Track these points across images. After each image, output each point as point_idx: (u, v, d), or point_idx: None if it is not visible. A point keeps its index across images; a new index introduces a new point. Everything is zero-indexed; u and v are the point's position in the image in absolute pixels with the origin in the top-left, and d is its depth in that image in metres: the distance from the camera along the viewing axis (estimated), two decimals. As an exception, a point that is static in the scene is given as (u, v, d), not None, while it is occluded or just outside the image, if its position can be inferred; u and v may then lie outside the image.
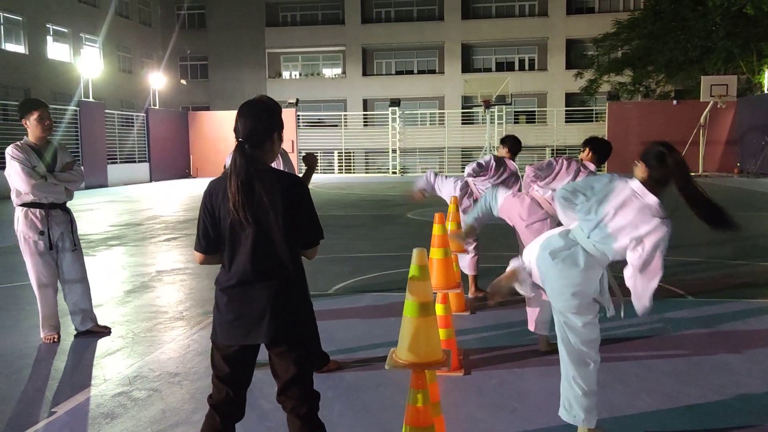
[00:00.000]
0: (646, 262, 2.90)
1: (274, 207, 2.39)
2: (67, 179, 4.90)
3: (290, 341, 2.47)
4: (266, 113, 2.53)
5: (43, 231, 4.82)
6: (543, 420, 3.48)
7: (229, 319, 2.47)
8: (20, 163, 4.67)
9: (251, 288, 2.44)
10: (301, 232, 2.47)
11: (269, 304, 2.42)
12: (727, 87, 24.41)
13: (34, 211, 4.80)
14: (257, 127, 2.48)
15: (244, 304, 2.44)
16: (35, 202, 4.78)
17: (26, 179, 4.68)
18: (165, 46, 39.34)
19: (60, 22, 30.76)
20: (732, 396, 3.75)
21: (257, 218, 2.40)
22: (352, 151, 33.35)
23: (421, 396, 2.68)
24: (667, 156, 2.99)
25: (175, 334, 5.18)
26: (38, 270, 4.86)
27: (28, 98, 5.00)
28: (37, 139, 4.82)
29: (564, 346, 3.15)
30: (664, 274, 2.96)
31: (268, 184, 2.40)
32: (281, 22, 40.77)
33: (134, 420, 3.54)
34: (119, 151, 25.48)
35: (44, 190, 4.77)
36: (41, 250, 4.84)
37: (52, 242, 4.85)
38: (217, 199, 2.46)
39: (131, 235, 10.88)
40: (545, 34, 38.17)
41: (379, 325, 5.29)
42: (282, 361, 2.49)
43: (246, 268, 2.43)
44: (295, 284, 2.49)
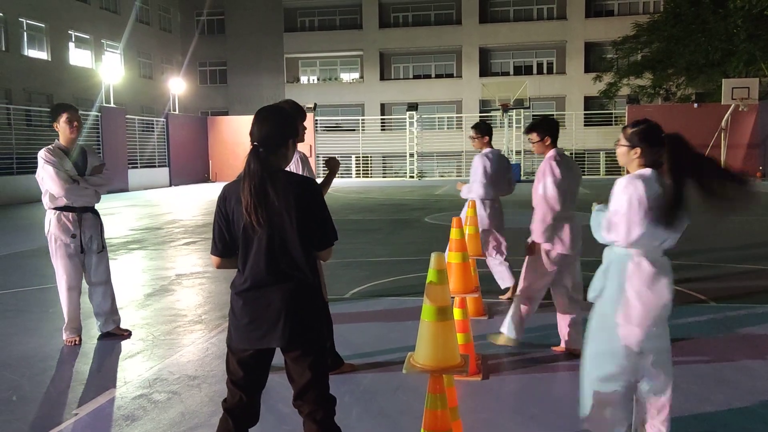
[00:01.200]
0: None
1: (287, 209, 2.41)
2: (97, 183, 5.00)
3: (305, 345, 2.47)
4: (282, 119, 2.56)
5: (75, 234, 4.90)
6: (563, 426, 3.45)
7: (244, 322, 2.47)
8: (54, 167, 4.76)
9: (266, 291, 2.44)
10: (315, 234, 2.48)
11: (284, 306, 2.43)
12: (748, 90, 24.09)
13: (67, 214, 4.89)
14: (273, 132, 2.50)
15: (259, 307, 2.45)
16: (67, 205, 4.87)
17: (60, 183, 4.76)
18: (185, 52, 39.74)
19: (82, 29, 31.20)
20: (755, 403, 3.69)
21: (270, 221, 2.41)
22: (370, 156, 33.41)
23: (439, 401, 2.67)
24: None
25: (195, 337, 5.22)
26: (68, 273, 4.94)
27: (58, 102, 5.11)
28: (67, 141, 4.91)
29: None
30: (686, 279, 2.93)
31: (281, 187, 2.41)
32: (299, 27, 41.00)
33: (154, 422, 3.57)
34: (140, 156, 25.76)
35: (76, 193, 4.86)
36: (72, 253, 4.92)
37: (83, 245, 4.94)
38: (231, 203, 2.48)
39: (151, 239, 10.98)
40: (564, 37, 37.96)
41: (397, 329, 5.28)
42: (297, 366, 2.49)
43: (260, 270, 2.44)
44: (311, 286, 2.50)
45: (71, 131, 4.88)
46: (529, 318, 4.68)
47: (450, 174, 32.91)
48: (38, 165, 4.84)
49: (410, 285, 6.93)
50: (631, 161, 2.96)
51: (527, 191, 6.02)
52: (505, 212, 6.50)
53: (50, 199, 4.87)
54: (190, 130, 29.15)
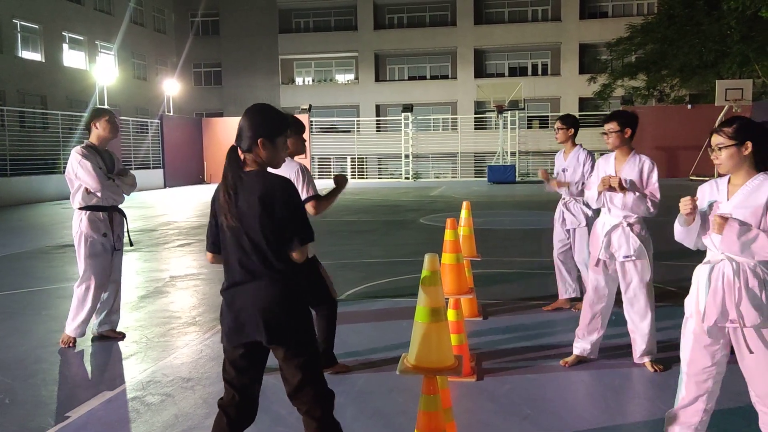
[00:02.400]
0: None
1: (252, 208, 2.46)
2: (127, 182, 5.15)
3: (288, 343, 2.49)
4: (258, 117, 2.61)
5: (105, 233, 5.00)
6: (557, 426, 3.45)
7: (228, 321, 2.54)
8: (91, 162, 4.88)
9: (242, 288, 2.50)
10: (283, 233, 2.49)
11: (259, 303, 2.47)
12: (742, 91, 24.18)
13: (98, 213, 4.98)
14: (244, 130, 2.59)
15: (237, 304, 2.51)
16: (99, 205, 4.97)
17: (98, 178, 4.88)
18: (179, 53, 39.67)
19: (76, 30, 31.12)
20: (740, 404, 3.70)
21: (240, 220, 2.47)
22: (365, 157, 33.42)
23: (433, 402, 2.68)
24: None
25: (188, 339, 5.20)
26: (98, 271, 4.98)
27: (97, 107, 5.35)
28: (101, 140, 5.03)
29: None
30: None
31: (249, 186, 2.48)
32: (294, 28, 40.99)
33: (147, 425, 3.56)
34: (134, 158, 25.70)
35: (112, 190, 5.00)
36: (103, 252, 4.99)
37: (114, 243, 5.06)
38: (216, 202, 2.58)
39: (145, 241, 10.95)
40: (558, 39, 38.06)
41: (391, 330, 5.28)
42: (288, 366, 2.52)
43: (235, 268, 2.51)
44: (287, 285, 2.51)
45: (111, 131, 5.02)
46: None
47: (445, 175, 32.94)
48: (70, 162, 4.92)
49: (405, 286, 6.93)
50: (742, 161, 2.75)
51: (523, 192, 6.08)
52: (503, 213, 6.44)
53: (82, 198, 4.94)
54: (184, 131, 29.10)
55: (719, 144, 2.78)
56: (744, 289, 2.73)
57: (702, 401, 2.95)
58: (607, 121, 4.37)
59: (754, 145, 2.73)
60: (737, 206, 2.76)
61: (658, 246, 4.44)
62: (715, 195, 2.88)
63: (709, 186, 2.93)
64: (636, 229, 4.23)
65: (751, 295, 2.72)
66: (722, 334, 2.85)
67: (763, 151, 2.76)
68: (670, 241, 3.13)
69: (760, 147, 2.75)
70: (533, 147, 31.18)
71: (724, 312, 2.77)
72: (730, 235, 2.70)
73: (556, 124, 5.93)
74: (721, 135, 2.78)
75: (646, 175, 4.22)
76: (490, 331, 5.23)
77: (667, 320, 5.01)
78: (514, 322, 5.50)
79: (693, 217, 2.81)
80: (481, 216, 12.66)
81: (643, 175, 4.22)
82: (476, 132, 33.75)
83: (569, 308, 5.83)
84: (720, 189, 2.86)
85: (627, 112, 4.41)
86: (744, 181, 2.79)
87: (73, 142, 20.12)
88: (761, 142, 2.74)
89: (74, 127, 22.22)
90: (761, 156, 2.77)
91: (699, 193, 2.97)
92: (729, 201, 2.80)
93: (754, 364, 2.78)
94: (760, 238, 2.66)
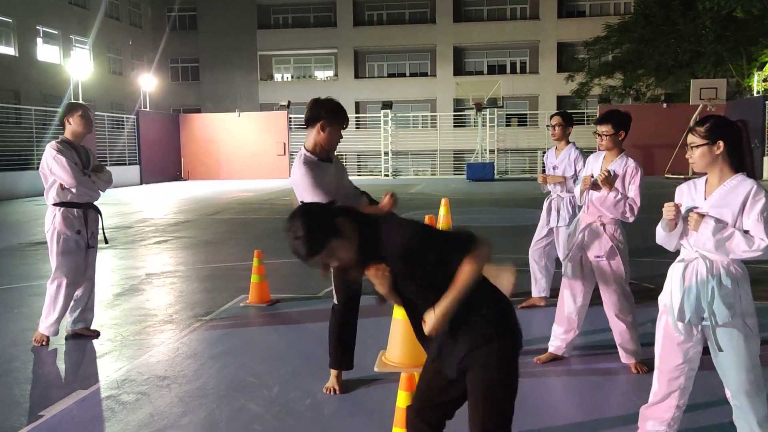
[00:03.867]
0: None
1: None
2: (104, 179, 5.08)
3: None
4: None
5: (80, 230, 4.91)
6: (533, 422, 3.47)
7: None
8: (66, 158, 4.79)
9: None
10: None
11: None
12: (716, 90, 24.55)
13: (72, 210, 4.90)
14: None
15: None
16: (73, 201, 4.88)
17: (72, 174, 4.79)
18: (155, 48, 39.22)
19: (50, 24, 30.61)
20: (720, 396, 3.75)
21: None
22: (345, 154, 33.31)
23: (411, 398, 2.67)
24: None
25: (165, 337, 5.15)
26: (71, 269, 4.90)
27: (72, 101, 5.22)
28: (75, 136, 4.94)
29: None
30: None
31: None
32: (273, 24, 40.75)
33: (122, 424, 3.51)
34: (109, 154, 25.37)
35: (87, 186, 4.92)
36: (76, 249, 4.91)
37: (88, 241, 4.98)
38: None
39: (121, 238, 10.81)
40: (536, 37, 38.32)
41: (371, 327, 5.27)
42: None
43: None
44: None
45: (84, 126, 4.93)
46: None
47: (424, 172, 33.00)
48: (45, 158, 4.84)
49: (384, 283, 6.91)
50: (714, 160, 2.77)
51: (501, 190, 6.10)
52: (482, 211, 6.40)
53: (57, 193, 4.86)
54: (161, 127, 28.78)
55: (693, 143, 2.81)
56: (717, 287, 2.76)
57: (674, 397, 2.98)
58: (601, 122, 4.21)
59: (725, 145, 2.76)
60: (714, 205, 2.79)
61: (634, 243, 4.48)
62: (693, 194, 2.90)
63: (687, 186, 2.96)
64: (609, 229, 4.18)
65: (724, 293, 2.75)
66: (695, 331, 2.89)
67: (736, 151, 2.78)
68: (645, 237, 3.16)
69: (732, 147, 2.77)
70: (512, 145, 31.36)
71: (698, 309, 2.81)
72: (706, 233, 2.73)
73: (554, 120, 5.78)
74: (694, 134, 2.81)
75: (629, 179, 4.12)
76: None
77: (649, 318, 5.06)
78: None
79: (676, 222, 2.84)
80: (459, 213, 12.68)
81: (626, 179, 4.13)
82: (455, 129, 33.85)
83: (544, 305, 5.83)
84: (698, 188, 2.90)
85: (621, 113, 4.24)
86: (720, 180, 2.82)
87: (47, 137, 19.77)
88: (733, 142, 2.77)
89: (48, 123, 21.85)
90: (735, 156, 2.79)
91: (677, 192, 2.99)
92: (706, 200, 2.83)
93: (726, 361, 2.82)
94: (735, 236, 2.70)
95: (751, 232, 2.70)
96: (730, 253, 2.73)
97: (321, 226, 2.18)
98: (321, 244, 2.18)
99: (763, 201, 2.69)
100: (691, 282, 2.82)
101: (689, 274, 2.83)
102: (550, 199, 5.79)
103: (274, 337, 5.23)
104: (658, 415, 3.03)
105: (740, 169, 2.79)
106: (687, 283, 2.83)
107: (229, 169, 29.01)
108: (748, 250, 2.68)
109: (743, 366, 2.79)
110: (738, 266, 2.79)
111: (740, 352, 2.78)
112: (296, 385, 4.01)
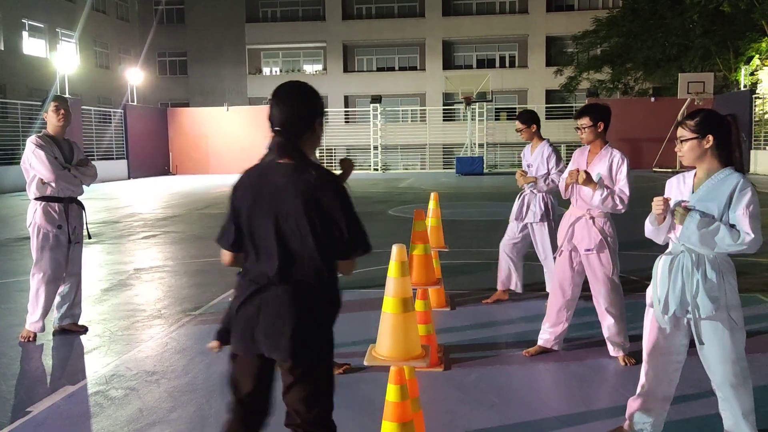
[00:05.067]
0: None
1: (293, 205, 2.23)
2: (87, 173, 5.01)
3: (310, 364, 2.33)
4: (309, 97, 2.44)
5: (61, 224, 4.85)
6: (522, 415, 3.49)
7: (242, 327, 2.33)
8: (45, 152, 4.73)
9: (267, 295, 2.28)
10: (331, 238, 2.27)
11: (286, 314, 2.24)
12: (704, 84, 24.69)
13: (53, 204, 4.84)
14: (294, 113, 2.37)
15: (256, 311, 2.29)
16: (53, 195, 4.82)
17: (51, 168, 4.73)
18: (143, 42, 38.90)
19: (36, 18, 30.28)
20: (705, 389, 3.78)
21: (278, 216, 2.25)
22: (334, 148, 33.27)
23: (401, 392, 2.68)
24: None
25: (153, 332, 5.13)
26: (52, 264, 4.84)
27: (54, 95, 5.16)
28: (55, 129, 4.88)
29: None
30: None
31: (290, 179, 2.24)
32: (261, 18, 40.51)
33: (111, 419, 3.50)
34: (96, 148, 25.17)
35: (67, 180, 4.84)
36: (57, 244, 4.84)
37: (70, 236, 4.90)
38: (239, 195, 2.34)
39: (109, 233, 10.75)
40: (525, 31, 38.35)
41: (359, 321, 5.28)
42: (301, 392, 2.36)
43: (260, 270, 2.27)
44: (323, 296, 2.32)
45: (59, 119, 4.85)
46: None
47: (414, 167, 33.00)
48: (25, 152, 4.79)
49: (373, 277, 6.92)
50: (703, 154, 2.79)
51: (490, 184, 6.14)
52: (471, 205, 6.43)
53: (37, 188, 4.80)
54: (149, 121, 28.59)
55: (682, 136, 2.82)
56: (702, 280, 2.78)
57: (661, 389, 3.00)
58: (578, 116, 4.26)
59: (715, 139, 2.76)
60: (701, 199, 2.80)
61: (622, 236, 4.50)
62: (681, 188, 2.92)
63: (676, 179, 2.97)
64: (598, 222, 4.19)
65: (709, 287, 2.77)
66: (681, 323, 2.91)
67: (725, 145, 2.78)
68: (634, 231, 3.18)
69: (721, 140, 2.77)
70: (501, 139, 31.40)
71: (683, 302, 2.83)
72: (691, 227, 2.75)
73: (516, 126, 5.83)
74: (684, 128, 2.81)
75: (615, 169, 4.12)
76: (457, 322, 5.26)
77: (636, 311, 5.09)
78: (482, 312, 5.55)
79: (664, 216, 2.85)
80: (449, 207, 12.70)
81: (613, 170, 4.14)
82: (444, 123, 33.86)
83: (507, 299, 5.84)
84: (686, 182, 2.91)
85: (599, 106, 4.29)
86: (708, 174, 2.83)
87: (32, 132, 19.60)
88: (722, 136, 2.77)
89: (34, 117, 21.65)
90: (724, 150, 2.79)
91: (667, 186, 3.01)
92: (694, 194, 2.85)
93: (711, 354, 2.84)
94: (720, 230, 2.71)
95: (737, 226, 2.71)
96: (715, 247, 2.74)
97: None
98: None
99: (749, 195, 2.70)
100: (676, 275, 2.83)
101: (675, 267, 2.85)
102: (523, 195, 5.80)
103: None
104: (645, 406, 3.06)
105: (729, 163, 2.80)
106: (672, 276, 2.84)
107: (217, 164, 28.87)
108: (732, 244, 2.70)
109: (728, 358, 2.81)
110: (724, 259, 2.81)
111: (725, 345, 2.81)
112: (286, 380, 4.01)
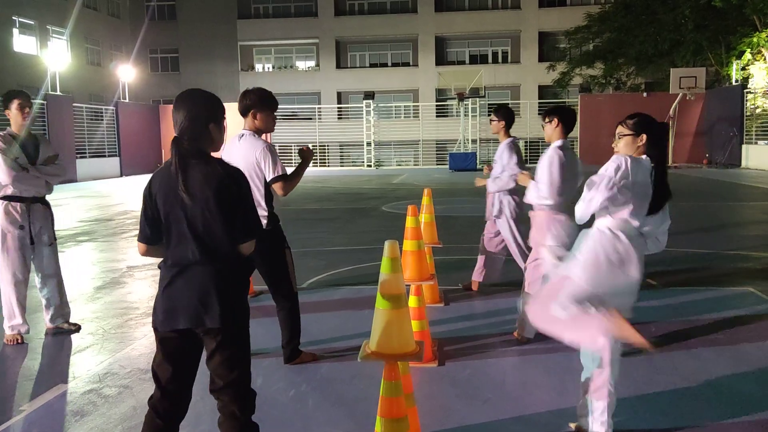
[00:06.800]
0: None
1: (203, 198, 2.48)
2: (50, 173, 4.86)
3: (227, 331, 2.58)
4: (204, 102, 2.63)
5: (23, 225, 4.75)
6: (516, 409, 3.51)
7: (164, 305, 2.81)
8: (1, 154, 4.61)
9: (187, 272, 2.68)
10: (233, 224, 2.56)
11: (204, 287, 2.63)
12: (695, 79, 24.78)
13: (15, 204, 4.73)
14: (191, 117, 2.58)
15: (179, 288, 2.77)
16: (16, 195, 4.72)
17: (7, 170, 4.62)
18: (134, 38, 38.71)
19: (26, 14, 30.08)
20: (701, 383, 3.82)
21: (189, 208, 2.51)
22: (327, 145, 33.23)
23: (395, 387, 2.69)
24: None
25: (146, 330, 5.11)
26: (14, 266, 4.76)
27: (10, 89, 5.00)
28: (18, 127, 4.78)
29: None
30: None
31: (201, 174, 2.50)
32: (253, 14, 40.37)
33: (104, 417, 3.49)
34: (88, 146, 25.05)
35: (26, 182, 4.71)
36: (20, 245, 4.75)
37: (32, 237, 4.79)
38: (155, 190, 2.54)
39: (101, 231, 10.71)
40: (518, 27, 38.37)
41: (353, 317, 5.28)
42: (221, 359, 2.62)
43: (179, 254, 2.65)
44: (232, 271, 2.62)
45: (23, 117, 4.77)
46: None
47: (407, 163, 33.01)
48: None
49: (367, 274, 6.93)
50: (636, 150, 3.16)
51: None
52: (464, 201, 6.49)
53: None
54: (141, 118, 28.47)
55: (620, 133, 3.19)
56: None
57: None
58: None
59: (648, 138, 3.15)
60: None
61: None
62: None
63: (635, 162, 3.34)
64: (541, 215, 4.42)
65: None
66: None
67: (652, 142, 3.18)
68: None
69: (652, 140, 3.18)
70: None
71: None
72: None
73: (490, 117, 6.13)
74: (624, 126, 3.20)
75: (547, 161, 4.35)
76: (451, 317, 5.27)
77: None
78: (475, 308, 5.56)
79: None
80: (442, 203, 12.71)
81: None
82: (437, 119, 33.87)
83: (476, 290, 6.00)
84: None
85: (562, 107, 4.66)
86: None
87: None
88: (654, 136, 3.17)
89: (25, 115, 21.55)
90: (655, 148, 3.19)
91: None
92: None
93: None
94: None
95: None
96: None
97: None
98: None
99: (604, 169, 3.04)
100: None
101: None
102: (487, 194, 6.02)
103: (258, 329, 5.18)
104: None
105: (652, 157, 3.12)
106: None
107: (210, 161, 28.76)
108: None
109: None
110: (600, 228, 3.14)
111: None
112: (280, 377, 4.01)
